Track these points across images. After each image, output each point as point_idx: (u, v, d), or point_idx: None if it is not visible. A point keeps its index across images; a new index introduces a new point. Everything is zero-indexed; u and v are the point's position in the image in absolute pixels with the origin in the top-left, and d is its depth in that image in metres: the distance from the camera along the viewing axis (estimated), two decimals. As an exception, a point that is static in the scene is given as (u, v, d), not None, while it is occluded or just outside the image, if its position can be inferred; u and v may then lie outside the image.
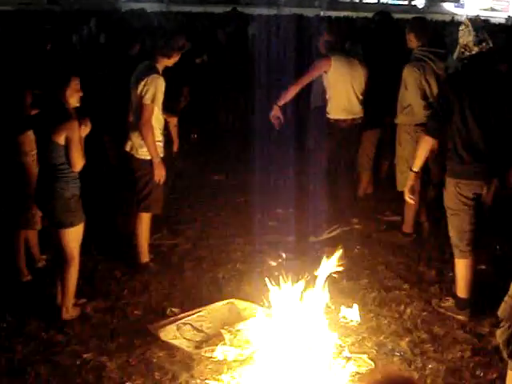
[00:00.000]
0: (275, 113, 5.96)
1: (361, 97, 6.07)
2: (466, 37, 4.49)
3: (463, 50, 4.52)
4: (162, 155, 5.28)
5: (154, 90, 5.05)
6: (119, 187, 6.35)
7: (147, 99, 5.05)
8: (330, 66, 5.92)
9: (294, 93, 6.00)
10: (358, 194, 6.94)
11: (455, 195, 4.60)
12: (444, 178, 4.75)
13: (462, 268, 4.73)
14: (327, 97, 6.05)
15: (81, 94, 4.47)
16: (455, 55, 4.61)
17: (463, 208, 4.59)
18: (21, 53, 5.65)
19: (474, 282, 4.76)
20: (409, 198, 4.89)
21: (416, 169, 4.77)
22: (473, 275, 4.73)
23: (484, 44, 4.45)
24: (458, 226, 4.68)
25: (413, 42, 5.96)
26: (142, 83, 5.05)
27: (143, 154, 5.22)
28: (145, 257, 5.46)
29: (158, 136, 5.25)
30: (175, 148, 6.12)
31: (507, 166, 4.69)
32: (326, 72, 5.97)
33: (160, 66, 5.20)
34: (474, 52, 4.47)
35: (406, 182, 5.97)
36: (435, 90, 5.75)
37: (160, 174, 5.25)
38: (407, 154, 5.97)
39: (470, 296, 4.77)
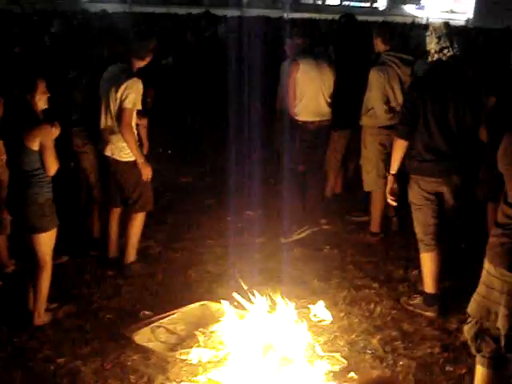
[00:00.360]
0: None
1: (329, 99, 6.17)
2: (429, 43, 4.65)
3: (427, 55, 4.67)
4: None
5: (134, 94, 5.05)
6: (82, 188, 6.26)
7: (128, 103, 5.04)
8: (299, 69, 6.00)
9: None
10: (325, 194, 7.01)
11: (418, 191, 4.77)
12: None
13: (427, 262, 4.86)
14: (296, 99, 6.11)
15: (47, 95, 4.45)
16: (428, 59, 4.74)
17: (426, 203, 4.76)
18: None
19: (440, 278, 4.89)
20: (390, 200, 4.97)
21: (393, 171, 4.85)
22: (439, 270, 4.86)
23: (445, 51, 4.59)
24: (422, 221, 4.82)
25: (380, 46, 6.08)
26: (123, 87, 5.02)
27: (126, 156, 5.22)
28: (132, 257, 5.49)
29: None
30: (145, 150, 6.11)
31: (471, 172, 4.87)
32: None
33: (134, 69, 5.20)
34: (434, 58, 4.63)
35: (373, 182, 6.13)
36: (398, 94, 5.94)
37: (147, 173, 5.30)
38: (371, 155, 6.17)
39: (438, 292, 4.90)
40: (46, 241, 4.48)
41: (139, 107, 5.18)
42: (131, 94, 5.04)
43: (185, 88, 8.52)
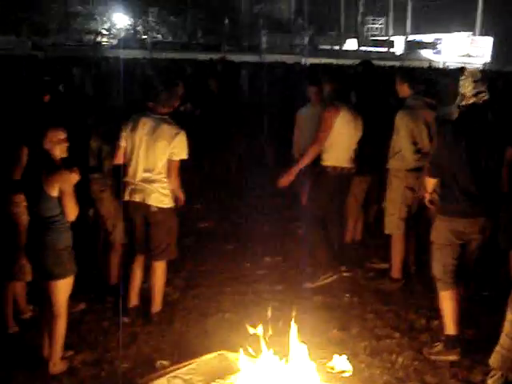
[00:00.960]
0: (291, 177, 6.11)
1: (356, 146, 6.18)
2: (465, 87, 4.69)
3: (462, 98, 4.72)
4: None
5: (185, 146, 5.21)
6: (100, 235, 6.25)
7: (179, 155, 5.21)
8: (338, 116, 6.01)
9: (316, 154, 6.07)
10: (346, 241, 6.94)
11: (444, 231, 4.80)
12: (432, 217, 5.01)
13: (446, 301, 4.83)
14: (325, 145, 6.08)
15: (66, 144, 4.48)
16: (457, 101, 4.80)
17: (450, 243, 4.79)
18: (18, 105, 5.64)
19: (461, 320, 4.84)
20: (430, 205, 5.14)
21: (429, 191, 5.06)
22: (459, 309, 4.81)
23: (481, 95, 4.66)
24: (442, 260, 4.83)
25: (406, 91, 6.14)
26: (177, 140, 5.15)
27: (168, 203, 5.30)
28: (160, 305, 5.47)
29: None
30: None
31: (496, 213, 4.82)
32: None
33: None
34: (470, 102, 4.67)
35: (394, 225, 6.18)
36: (425, 137, 5.99)
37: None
38: (397, 197, 6.15)
39: (459, 333, 4.83)
40: (63, 288, 4.45)
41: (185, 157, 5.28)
42: (182, 147, 5.18)
43: (203, 133, 8.57)
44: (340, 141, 6.05)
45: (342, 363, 4.59)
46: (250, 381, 4.21)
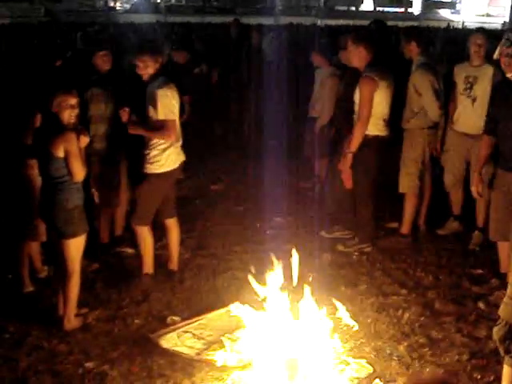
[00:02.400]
0: (348, 169, 5.95)
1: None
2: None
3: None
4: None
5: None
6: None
7: None
8: (377, 88, 5.81)
9: (363, 133, 5.85)
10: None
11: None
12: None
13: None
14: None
15: (76, 110, 4.53)
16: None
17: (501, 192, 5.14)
18: (30, 70, 5.69)
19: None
20: (477, 195, 5.44)
21: (480, 170, 5.29)
22: None
23: None
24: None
25: (414, 49, 6.13)
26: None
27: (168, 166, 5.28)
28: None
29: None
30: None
31: None
32: None
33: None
34: None
35: (410, 184, 6.28)
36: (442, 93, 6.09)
37: None
38: (417, 156, 6.23)
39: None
40: (75, 247, 4.56)
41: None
42: None
43: (216, 96, 8.59)
44: (379, 111, 5.89)
45: (349, 318, 4.70)
46: (258, 335, 4.31)
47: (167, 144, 5.17)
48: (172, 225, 5.55)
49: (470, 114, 6.00)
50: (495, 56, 5.37)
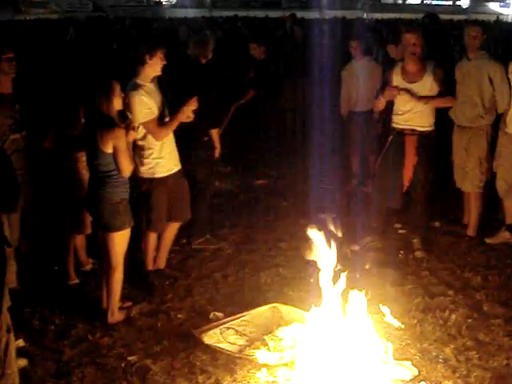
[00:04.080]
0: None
1: None
2: None
3: None
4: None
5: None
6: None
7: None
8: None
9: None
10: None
11: None
12: None
13: None
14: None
15: (121, 98, 4.56)
16: None
17: None
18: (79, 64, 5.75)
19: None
20: None
21: None
22: None
23: None
24: None
25: (478, 42, 5.96)
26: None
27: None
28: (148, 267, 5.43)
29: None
30: (217, 154, 6.17)
31: None
32: None
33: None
34: None
35: (480, 184, 6.18)
36: None
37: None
38: (486, 154, 6.10)
39: None
40: (120, 240, 4.58)
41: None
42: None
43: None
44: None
45: (394, 319, 4.62)
46: (302, 333, 4.27)
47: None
48: (171, 227, 5.47)
49: None
50: None
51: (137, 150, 5.03)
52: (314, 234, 4.22)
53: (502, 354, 4.25)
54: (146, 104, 4.96)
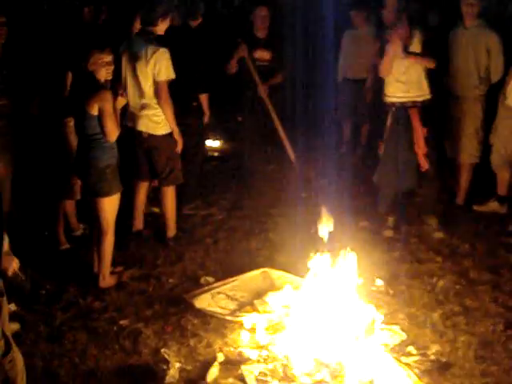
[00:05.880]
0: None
1: None
2: None
3: None
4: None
5: (166, 62, 5.05)
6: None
7: (164, 75, 5.06)
8: None
9: None
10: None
11: None
12: None
13: None
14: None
15: (111, 67, 4.52)
16: None
17: None
18: (62, 29, 5.66)
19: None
20: None
21: None
22: None
23: None
24: None
25: (476, 9, 5.91)
26: (152, 62, 5.02)
27: (161, 129, 5.24)
28: (174, 230, 5.53)
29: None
30: (206, 119, 6.15)
31: None
32: None
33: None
34: None
35: (476, 154, 6.21)
36: None
37: (180, 143, 5.34)
38: (480, 125, 6.11)
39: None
40: (109, 205, 4.59)
41: (172, 77, 5.14)
42: (165, 65, 5.03)
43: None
44: None
45: (383, 284, 4.68)
46: (291, 297, 4.32)
47: None
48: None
49: None
50: None
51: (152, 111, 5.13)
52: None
53: (488, 320, 4.31)
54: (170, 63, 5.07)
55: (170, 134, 5.27)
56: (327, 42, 7.45)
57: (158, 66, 5.01)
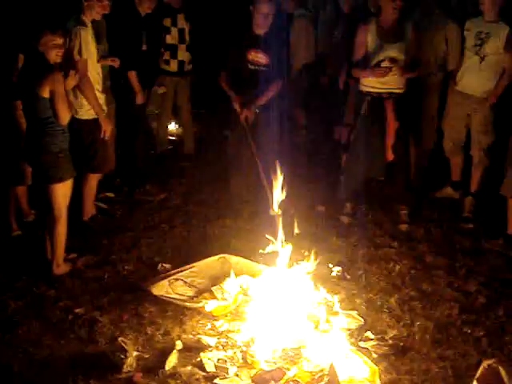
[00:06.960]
0: None
1: None
2: None
3: None
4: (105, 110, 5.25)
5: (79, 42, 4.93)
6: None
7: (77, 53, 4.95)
8: None
9: None
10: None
11: None
12: None
13: None
14: None
15: (62, 50, 4.40)
16: None
17: None
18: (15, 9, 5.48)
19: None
20: None
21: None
22: None
23: None
24: None
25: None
26: (73, 35, 4.92)
27: (83, 114, 5.13)
28: (88, 215, 5.45)
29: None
30: (139, 100, 6.05)
31: None
32: None
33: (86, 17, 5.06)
34: None
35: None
36: None
37: (107, 130, 5.23)
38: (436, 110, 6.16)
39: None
40: (62, 191, 4.47)
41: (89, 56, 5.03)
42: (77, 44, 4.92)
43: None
44: None
45: (340, 269, 4.71)
46: (249, 283, 4.31)
47: None
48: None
49: (476, 74, 5.64)
50: None
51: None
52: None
53: (443, 304, 4.37)
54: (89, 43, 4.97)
55: (91, 121, 5.17)
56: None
57: (73, 44, 4.92)
